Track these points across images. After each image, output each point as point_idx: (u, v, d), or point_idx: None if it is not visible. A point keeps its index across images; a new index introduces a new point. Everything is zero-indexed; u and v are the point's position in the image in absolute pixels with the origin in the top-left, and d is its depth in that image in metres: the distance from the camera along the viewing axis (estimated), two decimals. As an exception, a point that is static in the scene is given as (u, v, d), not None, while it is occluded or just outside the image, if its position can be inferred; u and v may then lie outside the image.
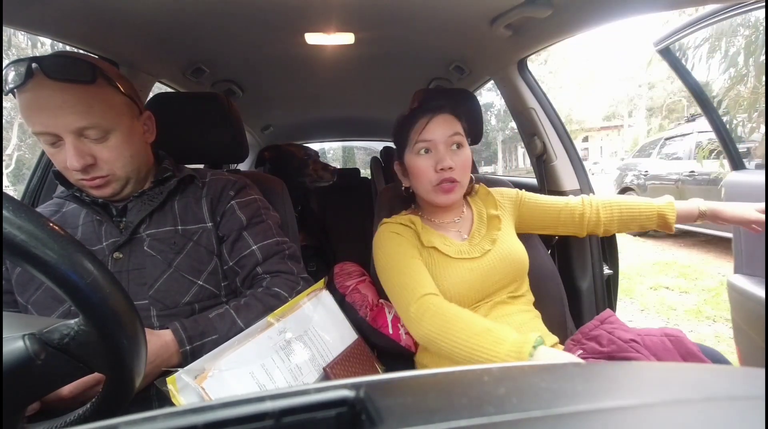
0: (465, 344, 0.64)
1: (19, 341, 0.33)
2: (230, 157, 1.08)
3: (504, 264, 0.80)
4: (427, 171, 0.79)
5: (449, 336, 0.65)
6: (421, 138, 0.79)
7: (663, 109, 16.38)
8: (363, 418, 0.19)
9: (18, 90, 0.60)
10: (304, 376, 0.66)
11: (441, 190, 0.79)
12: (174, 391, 0.54)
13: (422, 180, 0.80)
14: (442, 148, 0.78)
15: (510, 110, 1.42)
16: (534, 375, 0.25)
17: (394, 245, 0.79)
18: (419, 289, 0.72)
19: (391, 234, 0.82)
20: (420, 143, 0.79)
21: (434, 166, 0.78)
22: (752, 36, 1.87)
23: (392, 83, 1.72)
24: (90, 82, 0.63)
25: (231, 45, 1.16)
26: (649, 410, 0.19)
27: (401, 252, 0.78)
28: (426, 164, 0.79)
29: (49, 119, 0.61)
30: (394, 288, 0.75)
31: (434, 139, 0.78)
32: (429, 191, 0.81)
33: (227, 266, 0.76)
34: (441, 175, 0.78)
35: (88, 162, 0.64)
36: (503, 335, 0.63)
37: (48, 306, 0.66)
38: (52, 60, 0.61)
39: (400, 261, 0.77)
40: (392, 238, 0.81)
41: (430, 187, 0.80)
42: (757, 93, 1.98)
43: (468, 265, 0.79)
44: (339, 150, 9.34)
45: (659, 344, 0.71)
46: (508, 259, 0.81)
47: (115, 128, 0.66)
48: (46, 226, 0.31)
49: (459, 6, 0.95)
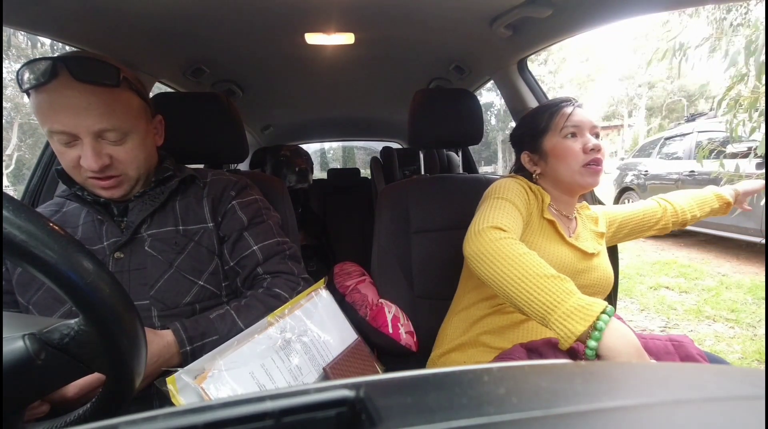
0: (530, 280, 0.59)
1: (19, 341, 0.33)
2: (230, 157, 1.08)
3: (597, 275, 0.82)
4: (577, 151, 0.80)
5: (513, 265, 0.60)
6: (570, 122, 0.81)
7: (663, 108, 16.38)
8: (363, 418, 0.19)
9: (37, 89, 0.60)
10: (304, 376, 0.66)
11: (589, 171, 0.80)
12: (174, 391, 0.54)
13: (570, 161, 0.81)
14: (588, 134, 0.81)
15: (510, 110, 1.42)
16: (534, 375, 0.25)
17: (514, 192, 0.79)
18: (503, 225, 0.68)
19: (519, 185, 0.82)
20: (568, 128, 0.81)
21: (583, 148, 0.80)
22: (752, 35, 1.87)
23: (392, 83, 1.72)
24: (115, 85, 0.64)
25: (231, 45, 1.16)
26: (649, 410, 0.19)
27: (514, 199, 0.77)
28: (576, 145, 0.81)
29: (71, 119, 0.61)
30: (487, 211, 0.73)
31: (582, 124, 0.81)
32: (576, 172, 0.81)
33: (228, 266, 0.76)
34: (590, 155, 0.80)
35: (105, 163, 0.65)
36: (572, 287, 0.58)
37: (49, 306, 0.66)
38: (78, 61, 0.62)
39: (506, 204, 0.75)
40: (518, 187, 0.81)
41: (578, 167, 0.80)
42: (757, 93, 1.97)
43: (575, 254, 0.80)
44: (339, 150, 9.34)
45: (662, 348, 0.71)
46: (601, 270, 0.83)
47: (133, 131, 0.67)
48: (46, 226, 0.31)
49: (459, 6, 0.95)
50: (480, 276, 0.65)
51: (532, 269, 0.59)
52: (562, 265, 0.77)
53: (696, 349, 0.71)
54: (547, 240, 0.80)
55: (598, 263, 0.84)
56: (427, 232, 1.08)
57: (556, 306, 0.56)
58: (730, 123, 2.15)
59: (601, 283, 0.84)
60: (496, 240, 0.64)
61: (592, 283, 0.82)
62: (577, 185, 0.83)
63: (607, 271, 0.85)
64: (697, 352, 0.71)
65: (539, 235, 0.80)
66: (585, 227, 0.90)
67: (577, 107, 0.83)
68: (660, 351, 0.70)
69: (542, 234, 0.80)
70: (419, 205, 1.10)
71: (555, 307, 0.56)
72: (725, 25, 3.05)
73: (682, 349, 0.71)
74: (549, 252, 0.78)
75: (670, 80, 16.14)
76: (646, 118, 18.38)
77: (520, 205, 0.77)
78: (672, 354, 0.70)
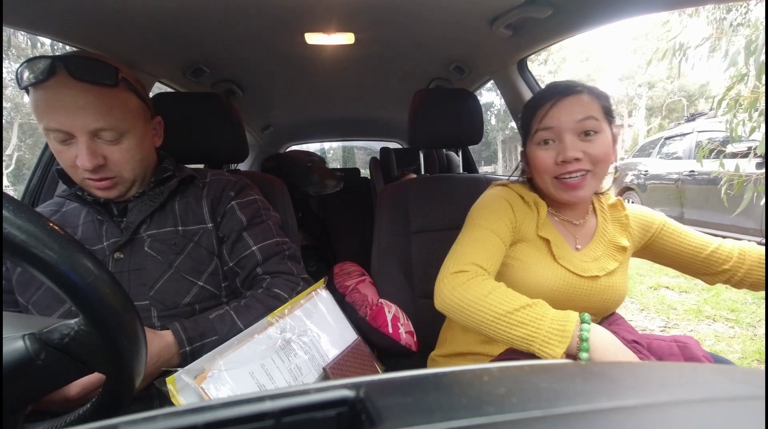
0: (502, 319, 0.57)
1: (19, 341, 0.33)
2: (230, 157, 1.08)
3: (601, 297, 0.72)
4: (547, 163, 0.68)
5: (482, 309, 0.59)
6: (543, 125, 0.67)
7: (663, 108, 16.38)
8: (363, 418, 0.19)
9: (36, 86, 0.60)
10: (304, 376, 0.66)
11: (562, 185, 0.68)
12: (174, 391, 0.54)
13: (542, 173, 0.70)
14: (569, 137, 0.66)
15: (510, 110, 1.42)
16: (534, 375, 0.25)
17: (494, 214, 0.71)
18: (473, 264, 0.64)
19: (504, 201, 0.73)
20: (540, 134, 0.68)
21: (555, 158, 0.67)
22: (752, 35, 1.87)
23: (392, 83, 1.72)
24: (113, 85, 0.64)
25: (231, 45, 1.16)
26: (649, 410, 0.19)
27: (492, 225, 0.70)
28: (546, 156, 0.68)
29: (67, 118, 0.61)
30: (457, 248, 0.69)
31: (557, 125, 0.66)
32: (549, 185, 0.70)
33: (227, 267, 0.76)
34: (560, 167, 0.67)
35: (99, 162, 0.64)
36: (543, 310, 0.57)
37: (49, 306, 0.66)
38: (77, 60, 0.62)
39: (483, 233, 0.69)
40: (501, 205, 0.72)
41: (550, 180, 0.69)
42: (757, 93, 1.98)
43: (568, 278, 0.70)
44: (339, 150, 9.34)
45: (666, 349, 0.67)
46: (608, 293, 0.73)
47: (130, 131, 0.67)
48: (46, 226, 0.31)
49: (459, 6, 0.95)
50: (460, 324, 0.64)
51: (500, 307, 0.58)
52: (555, 289, 0.70)
53: (701, 351, 0.67)
54: (537, 260, 0.71)
55: (606, 285, 0.72)
56: (427, 232, 1.08)
57: (534, 336, 0.56)
58: (730, 123, 2.16)
59: (605, 305, 0.73)
60: (458, 287, 0.62)
61: (593, 305, 0.72)
62: (555, 199, 0.72)
63: (615, 294, 0.73)
64: (702, 353, 0.66)
65: (532, 253, 0.72)
66: (604, 237, 0.75)
67: (559, 102, 0.67)
68: (664, 352, 0.67)
69: (535, 252, 0.72)
70: (419, 205, 1.10)
71: (533, 338, 0.56)
72: (725, 25, 3.05)
73: (687, 350, 0.66)
74: (541, 273, 0.70)
75: (670, 80, 16.15)
76: (646, 118, 18.39)
77: (501, 228, 0.70)
78: (677, 355, 0.66)
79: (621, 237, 0.75)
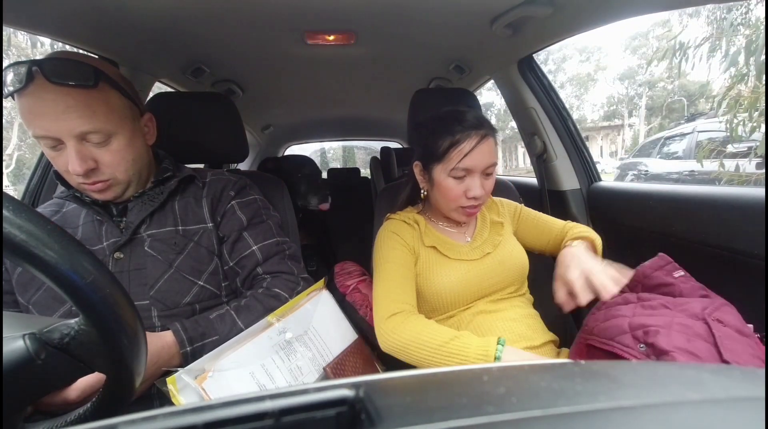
0: (437, 352, 0.66)
1: (19, 341, 0.33)
2: (230, 157, 1.08)
3: (503, 267, 0.82)
4: (458, 195, 0.77)
5: (419, 347, 0.68)
6: (463, 165, 0.74)
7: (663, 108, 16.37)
8: (363, 418, 0.19)
9: (18, 93, 0.59)
10: (304, 376, 0.66)
11: (464, 212, 0.80)
12: (174, 391, 0.54)
13: (450, 201, 0.79)
14: (479, 178, 0.76)
15: (510, 110, 1.43)
16: (534, 374, 0.25)
17: (390, 248, 0.81)
18: (397, 303, 0.74)
19: (391, 234, 0.83)
20: (458, 170, 0.75)
21: (465, 192, 0.77)
22: (752, 35, 1.87)
23: (392, 83, 1.72)
24: (92, 86, 0.62)
25: (231, 45, 1.16)
26: (649, 410, 0.19)
27: (393, 257, 0.79)
28: (459, 188, 0.77)
29: (51, 124, 0.60)
30: (378, 292, 0.77)
31: (474, 167, 0.75)
32: (452, 210, 0.81)
33: (228, 267, 0.76)
34: (469, 202, 0.78)
35: (90, 166, 0.63)
36: (468, 340, 0.67)
37: (49, 306, 0.66)
38: (52, 63, 0.60)
39: (390, 268, 0.78)
40: (391, 238, 0.82)
41: (455, 207, 0.80)
42: (757, 93, 1.98)
43: (466, 266, 0.81)
44: (339, 150, 9.35)
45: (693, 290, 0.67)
46: (508, 262, 0.83)
47: (118, 132, 0.66)
48: (46, 226, 0.31)
49: (459, 6, 0.95)
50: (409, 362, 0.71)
51: (433, 342, 0.67)
52: (464, 281, 0.79)
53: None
54: (439, 266, 0.80)
55: (502, 258, 0.82)
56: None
57: (464, 363, 0.64)
58: (730, 123, 2.16)
59: (513, 272, 0.82)
60: (395, 330, 0.71)
61: (502, 277, 0.81)
62: (450, 218, 0.84)
63: (514, 260, 0.83)
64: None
65: (431, 264, 0.80)
66: (485, 221, 0.89)
67: (479, 145, 0.74)
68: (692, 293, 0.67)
69: (433, 262, 0.81)
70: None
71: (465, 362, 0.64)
72: (725, 25, 3.05)
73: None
74: (446, 275, 0.79)
75: (670, 80, 16.15)
76: (646, 118, 18.38)
77: (400, 257, 0.79)
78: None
79: (495, 215, 0.91)
